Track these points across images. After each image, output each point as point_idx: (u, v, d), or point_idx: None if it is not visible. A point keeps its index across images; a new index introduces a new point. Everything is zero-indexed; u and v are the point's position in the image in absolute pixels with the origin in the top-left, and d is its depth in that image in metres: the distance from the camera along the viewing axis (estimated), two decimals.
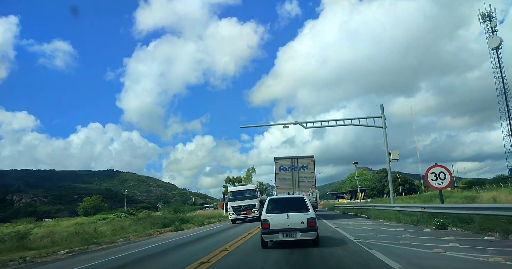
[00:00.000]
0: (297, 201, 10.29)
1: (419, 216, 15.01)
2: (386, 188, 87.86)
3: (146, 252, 12.26)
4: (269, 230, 9.52)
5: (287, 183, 24.57)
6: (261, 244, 9.90)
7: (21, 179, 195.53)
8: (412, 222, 15.24)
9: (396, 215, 17.68)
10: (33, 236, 16.06)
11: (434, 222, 13.18)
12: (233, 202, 27.85)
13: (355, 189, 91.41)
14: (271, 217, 9.59)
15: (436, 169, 14.26)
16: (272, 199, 10.89)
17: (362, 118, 25.06)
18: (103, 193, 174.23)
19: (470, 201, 22.19)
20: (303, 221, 9.36)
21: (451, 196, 34.90)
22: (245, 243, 12.14)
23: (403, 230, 13.40)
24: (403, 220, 16.34)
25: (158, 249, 13.14)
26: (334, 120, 25.31)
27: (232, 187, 33.86)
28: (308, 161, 25.24)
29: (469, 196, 27.44)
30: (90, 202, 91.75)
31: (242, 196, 27.93)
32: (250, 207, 27.15)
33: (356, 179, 47.81)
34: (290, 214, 9.52)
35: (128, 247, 15.14)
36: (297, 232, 9.35)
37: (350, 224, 18.57)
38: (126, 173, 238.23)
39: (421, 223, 14.63)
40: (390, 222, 17.52)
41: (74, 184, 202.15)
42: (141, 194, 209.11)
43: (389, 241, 10.18)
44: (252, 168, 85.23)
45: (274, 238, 9.60)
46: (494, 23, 65.81)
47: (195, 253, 10.58)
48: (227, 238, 14.85)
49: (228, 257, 9.23)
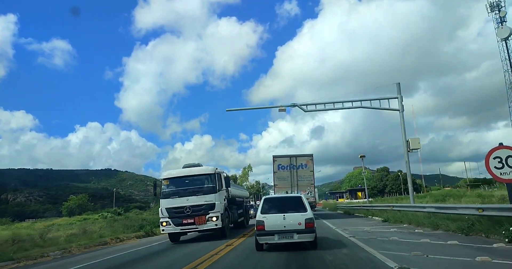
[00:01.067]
0: (294, 201, 9.69)
1: (472, 221, 10.20)
2: (388, 187, 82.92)
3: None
4: (264, 232, 8.91)
5: (285, 181, 23.51)
6: (256, 247, 9.28)
7: (18, 178, 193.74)
8: (459, 230, 10.43)
9: (430, 218, 12.85)
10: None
11: (505, 232, 8.40)
12: (170, 200, 14.15)
13: (355, 188, 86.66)
14: (266, 218, 8.98)
15: (503, 152, 9.39)
16: (268, 199, 10.08)
17: (375, 100, 20.24)
18: (100, 192, 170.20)
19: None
20: (301, 222, 8.77)
21: (465, 195, 30.38)
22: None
23: (458, 244, 8.66)
24: (443, 226, 11.54)
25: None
26: (340, 102, 20.31)
27: (169, 172, 15.67)
28: (307, 159, 24.27)
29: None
30: (75, 201, 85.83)
31: (188, 189, 14.29)
32: (203, 209, 13.78)
33: (363, 174, 42.95)
34: (287, 214, 8.94)
35: (49, 266, 10.29)
36: (294, 233, 8.76)
37: (367, 230, 13.73)
38: (124, 172, 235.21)
39: (475, 232, 9.85)
40: (422, 228, 12.68)
41: (71, 183, 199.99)
42: (138, 194, 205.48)
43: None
44: (248, 167, 79.95)
45: (270, 240, 8.98)
46: (504, 13, 61.07)
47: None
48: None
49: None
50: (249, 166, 78.93)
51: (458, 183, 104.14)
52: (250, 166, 78.94)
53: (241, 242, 12.10)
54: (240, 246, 10.96)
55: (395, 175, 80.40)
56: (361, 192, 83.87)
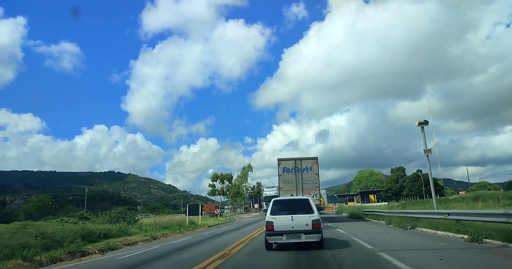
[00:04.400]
0: (301, 203, 9.63)
1: None
2: (405, 189, 71.32)
3: None
4: (273, 232, 9.05)
5: (290, 184, 22.56)
6: (266, 246, 9.44)
7: (21, 180, 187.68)
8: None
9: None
10: None
11: None
12: None
13: (367, 190, 75.04)
14: (275, 219, 9.12)
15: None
16: (277, 201, 9.96)
17: None
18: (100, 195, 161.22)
19: None
20: (308, 223, 8.88)
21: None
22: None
23: None
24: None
25: None
26: None
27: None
28: (312, 162, 23.30)
29: None
30: (34, 203, 72.81)
31: None
32: None
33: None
34: (295, 216, 9.06)
35: None
36: (301, 234, 8.88)
37: None
38: (128, 175, 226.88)
39: None
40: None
41: (74, 185, 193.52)
42: (141, 196, 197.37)
43: None
44: (248, 166, 69.32)
45: (279, 240, 9.13)
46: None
47: None
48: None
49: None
50: (249, 165, 67.93)
51: (472, 187, 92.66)
52: (251, 166, 67.95)
53: None
54: None
55: (413, 176, 68.64)
56: (373, 194, 72.34)
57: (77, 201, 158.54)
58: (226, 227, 25.62)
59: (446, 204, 24.07)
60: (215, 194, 58.21)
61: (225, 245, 11.56)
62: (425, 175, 67.59)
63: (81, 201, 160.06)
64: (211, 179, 56.92)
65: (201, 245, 12.63)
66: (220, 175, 56.34)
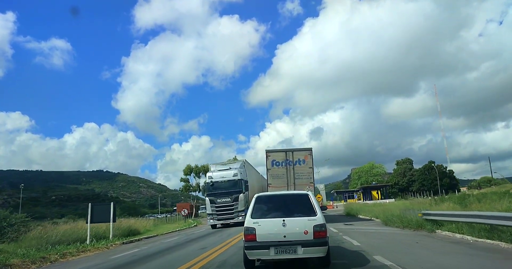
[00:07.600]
0: (298, 200, 6.35)
1: None
2: (415, 184, 61.27)
3: None
4: (256, 244, 5.75)
5: (280, 180, 19.49)
6: (244, 265, 6.19)
7: (6, 179, 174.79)
8: None
9: None
10: None
11: None
12: None
13: (369, 186, 64.65)
14: (259, 224, 5.84)
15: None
16: (261, 197, 6.49)
17: None
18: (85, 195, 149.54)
19: None
20: (308, 229, 5.66)
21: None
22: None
23: None
24: None
25: None
26: None
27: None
28: (305, 154, 20.06)
29: None
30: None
31: None
32: None
33: None
34: (288, 219, 5.84)
35: None
36: (298, 246, 5.63)
37: None
38: (118, 174, 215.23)
39: None
40: None
41: (61, 184, 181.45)
42: (130, 196, 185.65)
43: None
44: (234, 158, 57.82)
45: (264, 256, 5.82)
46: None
47: None
48: None
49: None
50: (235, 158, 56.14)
51: (470, 184, 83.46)
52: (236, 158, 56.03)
53: None
54: None
55: (425, 168, 58.13)
56: (376, 190, 61.98)
57: (60, 201, 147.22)
58: (168, 239, 16.68)
59: (479, 203, 14.69)
60: (189, 190, 47.28)
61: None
62: (439, 166, 57.25)
63: (64, 200, 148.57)
64: (184, 172, 45.63)
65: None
66: (195, 168, 45.32)
